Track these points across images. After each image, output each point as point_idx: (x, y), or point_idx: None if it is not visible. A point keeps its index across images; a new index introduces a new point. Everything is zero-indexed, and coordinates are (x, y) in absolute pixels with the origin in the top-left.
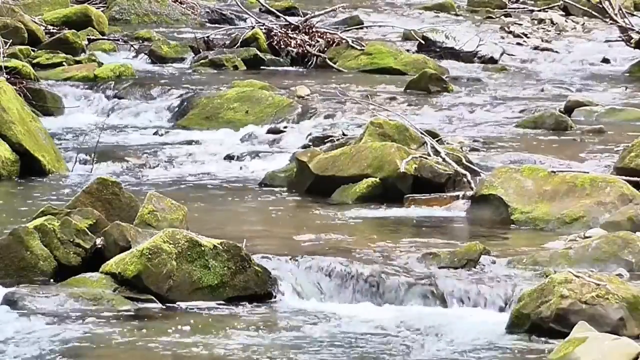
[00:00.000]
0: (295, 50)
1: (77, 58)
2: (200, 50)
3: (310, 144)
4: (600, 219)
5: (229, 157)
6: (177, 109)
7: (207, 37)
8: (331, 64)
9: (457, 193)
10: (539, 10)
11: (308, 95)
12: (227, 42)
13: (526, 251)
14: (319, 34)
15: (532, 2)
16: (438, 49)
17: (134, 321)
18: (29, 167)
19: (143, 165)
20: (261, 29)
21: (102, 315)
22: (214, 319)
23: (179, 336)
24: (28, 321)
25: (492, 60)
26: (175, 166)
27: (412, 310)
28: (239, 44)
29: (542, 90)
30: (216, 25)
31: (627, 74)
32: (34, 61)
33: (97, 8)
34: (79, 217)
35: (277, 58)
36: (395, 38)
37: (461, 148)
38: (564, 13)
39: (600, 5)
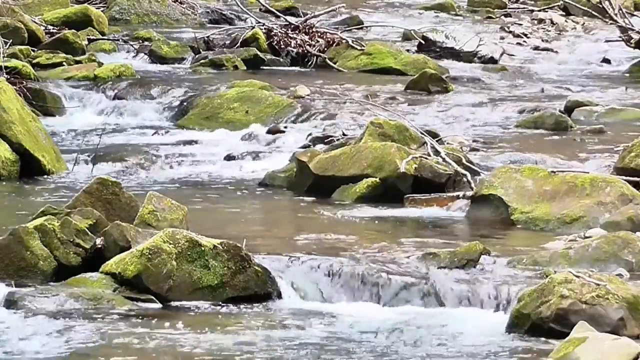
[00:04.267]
0: (295, 50)
1: (77, 58)
2: (200, 50)
3: (310, 144)
4: (600, 219)
5: (229, 157)
6: (177, 109)
7: (207, 37)
8: (331, 64)
9: (457, 193)
10: (539, 10)
11: (308, 95)
12: (227, 42)
13: (526, 251)
14: (319, 34)
15: (532, 2)
16: (438, 49)
17: (134, 321)
18: (29, 167)
19: (143, 165)
20: (261, 29)
21: (102, 315)
22: (214, 319)
23: (179, 336)
24: (28, 321)
25: (492, 60)
26: (175, 166)
27: (412, 310)
28: (239, 44)
29: (542, 90)
30: (216, 25)
31: (627, 74)
32: (34, 61)
33: (97, 8)
34: (79, 217)
35: (277, 58)
36: (395, 38)
37: (461, 148)
38: (564, 13)
39: (600, 5)
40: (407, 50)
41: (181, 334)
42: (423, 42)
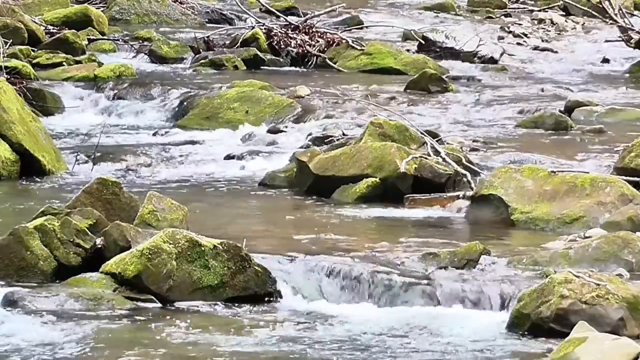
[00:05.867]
0: (295, 50)
1: (77, 58)
2: (200, 50)
3: (310, 144)
4: (600, 219)
5: (229, 157)
6: (177, 109)
7: (207, 37)
8: (331, 64)
9: (457, 193)
10: (539, 10)
11: (308, 95)
12: (227, 42)
13: (526, 251)
14: (319, 34)
15: (532, 2)
16: (438, 49)
17: (134, 321)
18: (29, 167)
19: (143, 165)
20: (261, 29)
21: (102, 315)
22: (214, 319)
23: (179, 336)
24: (28, 321)
25: (492, 60)
26: (175, 166)
27: (412, 310)
28: (239, 44)
29: (542, 90)
30: (216, 25)
31: (627, 74)
32: (34, 61)
33: (97, 8)
34: (79, 217)
35: (277, 58)
36: (395, 38)
37: (461, 148)
38: (564, 13)
39: (600, 5)
40: (407, 50)
41: (181, 334)
42: (423, 42)
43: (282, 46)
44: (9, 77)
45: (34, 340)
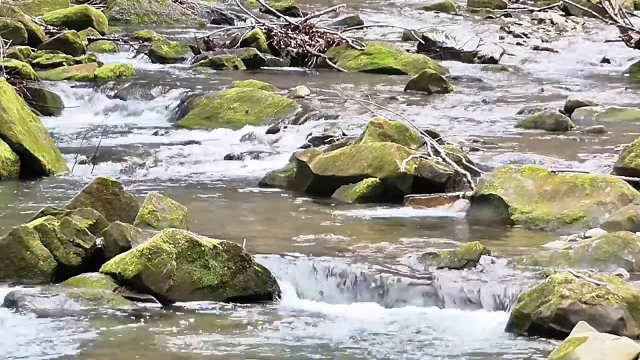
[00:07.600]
0: (295, 50)
1: (77, 58)
2: (200, 50)
3: (310, 144)
4: (600, 219)
5: (229, 157)
6: (177, 109)
7: (207, 37)
8: (331, 64)
9: (457, 193)
10: (539, 10)
11: (308, 95)
12: (227, 42)
13: (526, 251)
14: (319, 34)
15: (532, 2)
16: (438, 49)
17: (134, 321)
18: (29, 167)
19: (143, 165)
20: (261, 29)
21: (102, 315)
22: (214, 319)
23: (179, 336)
24: (28, 321)
25: (492, 60)
26: (175, 166)
27: (412, 310)
28: (239, 44)
29: (542, 90)
30: (216, 25)
31: (627, 74)
32: (34, 61)
33: (97, 8)
34: (79, 217)
35: (277, 58)
36: (395, 38)
37: (461, 148)
38: (564, 13)
39: (600, 5)
40: (407, 50)
41: (181, 334)
42: (423, 42)
43: (282, 46)
44: (9, 77)
45: (34, 340)
